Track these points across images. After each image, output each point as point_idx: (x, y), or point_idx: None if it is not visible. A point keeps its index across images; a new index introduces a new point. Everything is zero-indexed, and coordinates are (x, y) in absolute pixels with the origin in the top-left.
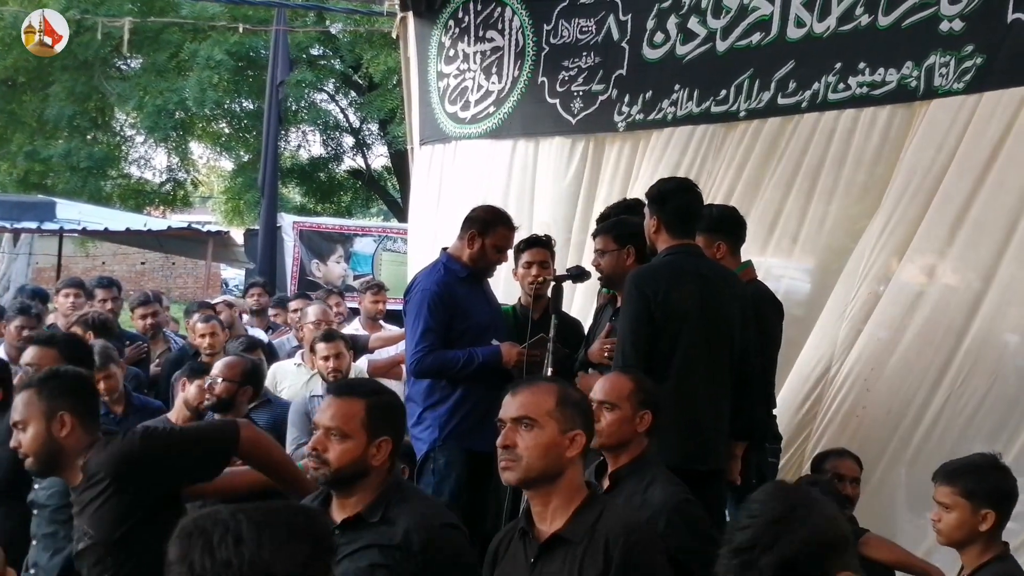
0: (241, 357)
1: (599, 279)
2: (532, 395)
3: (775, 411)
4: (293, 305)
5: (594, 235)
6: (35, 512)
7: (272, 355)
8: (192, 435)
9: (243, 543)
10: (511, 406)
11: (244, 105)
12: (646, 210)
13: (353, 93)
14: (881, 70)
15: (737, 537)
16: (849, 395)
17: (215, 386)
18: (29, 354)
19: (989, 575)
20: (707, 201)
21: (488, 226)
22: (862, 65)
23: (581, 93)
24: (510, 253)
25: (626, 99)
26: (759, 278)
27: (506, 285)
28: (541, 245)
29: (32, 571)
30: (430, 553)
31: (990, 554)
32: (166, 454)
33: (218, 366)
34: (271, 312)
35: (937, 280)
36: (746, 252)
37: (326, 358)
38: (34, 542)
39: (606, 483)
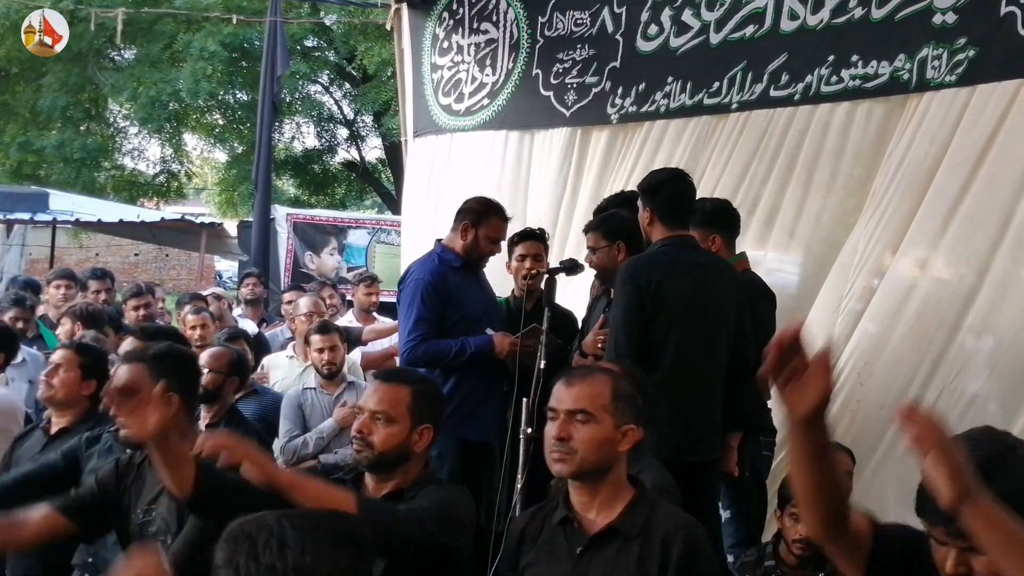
0: (227, 347)
1: (596, 276)
2: (589, 387)
3: (769, 403)
4: (287, 297)
5: (585, 231)
6: None
7: (263, 347)
8: None
9: (287, 548)
10: (567, 397)
11: (238, 96)
12: (639, 202)
13: (347, 85)
14: (874, 63)
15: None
16: (843, 389)
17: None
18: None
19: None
20: (699, 193)
21: (481, 217)
22: (855, 58)
23: (575, 85)
24: (504, 245)
25: (619, 91)
26: (754, 271)
27: (500, 278)
28: (535, 238)
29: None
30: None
31: None
32: None
33: (204, 357)
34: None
35: (930, 274)
36: (740, 245)
37: (321, 350)
38: None
39: None
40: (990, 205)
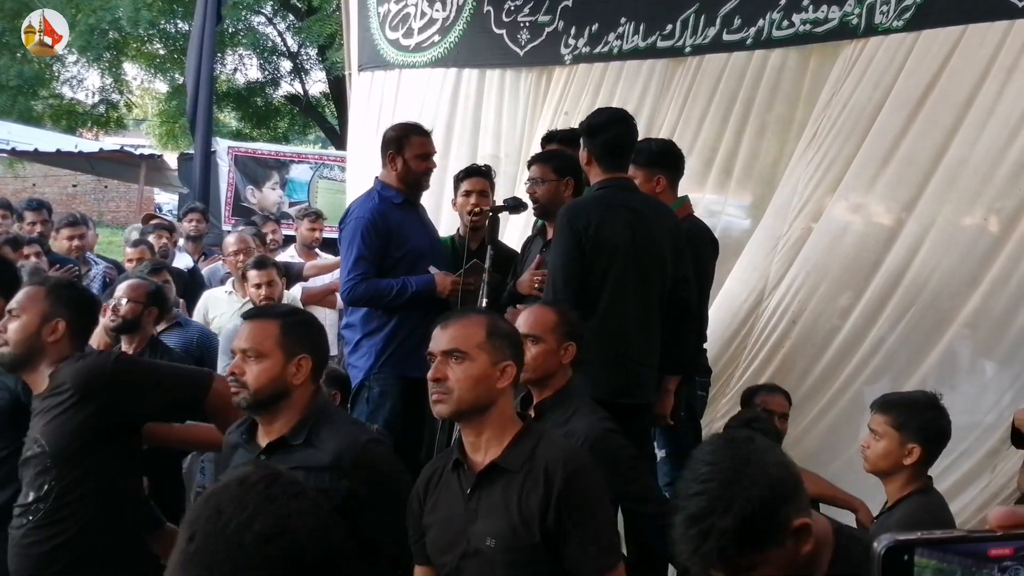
0: (144, 279)
1: (534, 210)
2: (462, 327)
3: (705, 345)
4: (228, 229)
5: (530, 163)
6: None
7: (199, 283)
8: (166, 372)
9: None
10: (441, 339)
11: (180, 27)
12: (581, 141)
13: (291, 17)
14: (824, 7)
15: (691, 505)
16: (777, 328)
17: (119, 307)
18: None
19: (910, 507)
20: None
21: (402, 141)
22: (806, 2)
23: (528, 24)
24: (448, 181)
25: (572, 31)
26: (698, 215)
27: (441, 217)
28: (480, 175)
29: None
30: (362, 470)
31: (912, 487)
32: (135, 382)
33: (122, 288)
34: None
35: (865, 215)
36: (691, 188)
37: (258, 286)
38: None
39: (531, 415)
40: (925, 147)
